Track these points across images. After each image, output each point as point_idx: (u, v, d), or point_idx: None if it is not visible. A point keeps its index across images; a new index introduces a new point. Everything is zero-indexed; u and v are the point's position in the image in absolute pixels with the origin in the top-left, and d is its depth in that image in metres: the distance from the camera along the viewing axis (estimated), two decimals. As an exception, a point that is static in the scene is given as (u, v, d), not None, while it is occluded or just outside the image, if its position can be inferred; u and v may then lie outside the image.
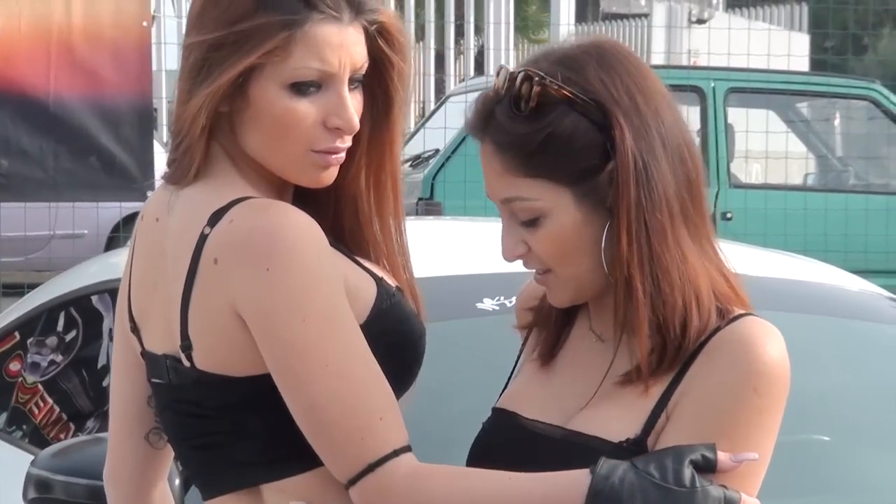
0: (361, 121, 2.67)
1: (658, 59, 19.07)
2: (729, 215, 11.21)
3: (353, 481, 2.51)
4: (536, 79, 2.55)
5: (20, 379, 5.20)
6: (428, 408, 3.04)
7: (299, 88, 2.59)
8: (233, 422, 2.64)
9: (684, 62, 17.98)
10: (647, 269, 2.55)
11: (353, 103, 2.63)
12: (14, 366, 5.28)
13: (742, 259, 4.78)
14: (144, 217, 2.75)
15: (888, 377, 4.58)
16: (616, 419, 2.60)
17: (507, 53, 18.61)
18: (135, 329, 2.72)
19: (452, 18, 19.28)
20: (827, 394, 4.44)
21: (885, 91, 12.22)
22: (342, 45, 2.60)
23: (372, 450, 2.50)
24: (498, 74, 2.63)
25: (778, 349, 2.55)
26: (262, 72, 2.59)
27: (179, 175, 2.66)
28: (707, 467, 2.46)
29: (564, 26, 17.75)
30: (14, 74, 8.01)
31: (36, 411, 5.03)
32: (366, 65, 2.65)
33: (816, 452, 4.29)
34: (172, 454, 2.86)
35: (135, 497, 2.95)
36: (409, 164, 11.73)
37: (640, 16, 22.01)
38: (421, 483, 2.54)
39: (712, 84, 11.83)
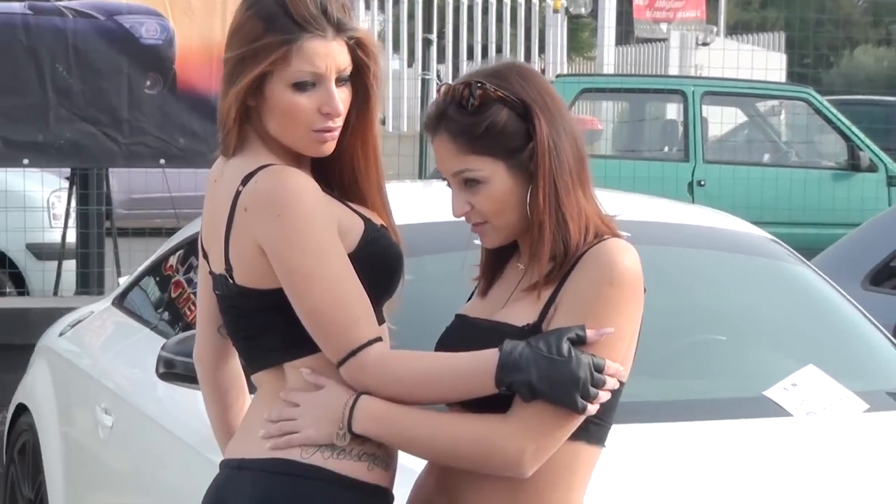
0: (350, 108, 2.95)
1: (673, 71, 19.98)
2: (702, 182, 11.89)
3: (340, 363, 2.80)
4: (478, 85, 2.86)
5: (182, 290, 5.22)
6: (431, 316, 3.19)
7: (299, 87, 2.88)
8: (262, 320, 2.92)
9: (693, 73, 18.50)
10: (555, 216, 2.85)
11: (341, 96, 2.90)
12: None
13: (667, 208, 5.36)
14: (209, 180, 3.05)
15: (762, 295, 4.81)
16: (521, 312, 2.88)
17: (562, 67, 18.83)
18: (205, 256, 3.01)
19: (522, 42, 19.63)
20: (722, 305, 4.76)
21: (817, 95, 13.00)
22: (328, 54, 2.88)
23: (353, 341, 2.79)
24: (440, 90, 2.98)
25: (630, 257, 2.83)
26: (272, 76, 2.88)
27: (225, 150, 2.97)
28: (580, 341, 2.72)
29: (609, 47, 18.25)
30: (188, 77, 8.07)
31: (188, 313, 5.07)
32: (349, 68, 2.92)
33: (716, 348, 4.56)
34: None
35: (213, 371, 3.20)
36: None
37: (661, 40, 21.38)
38: (386, 362, 2.82)
39: (692, 89, 12.50)
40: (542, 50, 19.83)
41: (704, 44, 21.77)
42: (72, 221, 8.82)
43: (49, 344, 5.99)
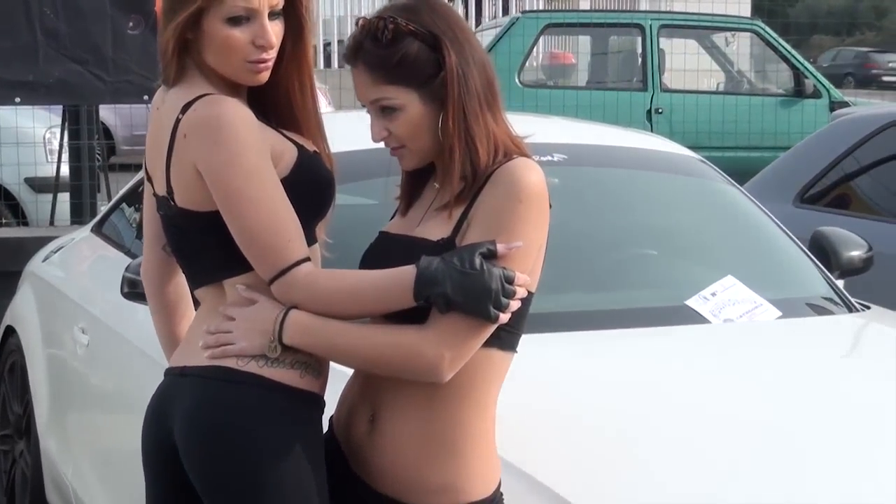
0: (284, 40, 2.96)
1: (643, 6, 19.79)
2: (660, 110, 11.84)
3: (271, 281, 2.83)
4: (391, 20, 2.87)
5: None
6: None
7: (233, 21, 2.87)
8: (201, 240, 2.94)
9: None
10: (464, 139, 2.87)
11: (274, 28, 2.91)
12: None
13: (607, 133, 5.37)
14: (152, 108, 3.08)
15: (691, 212, 4.84)
16: (436, 228, 2.90)
17: (540, 5, 18.97)
18: (149, 179, 3.03)
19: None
20: (654, 222, 4.74)
21: (765, 27, 12.98)
22: None
23: (282, 261, 2.82)
24: (358, 23, 2.97)
25: (535, 175, 2.86)
26: (209, 12, 2.86)
27: (165, 80, 2.99)
28: (491, 255, 2.75)
29: None
30: None
31: None
32: (281, 2, 2.92)
33: (646, 262, 4.60)
34: None
35: (159, 286, 3.24)
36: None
37: None
38: (314, 280, 2.85)
39: (649, 22, 12.41)
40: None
41: (674, -19, 21.72)
42: (65, 156, 8.79)
43: (34, 269, 6.03)
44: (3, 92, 7.92)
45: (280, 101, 3.04)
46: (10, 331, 5.92)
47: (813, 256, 4.67)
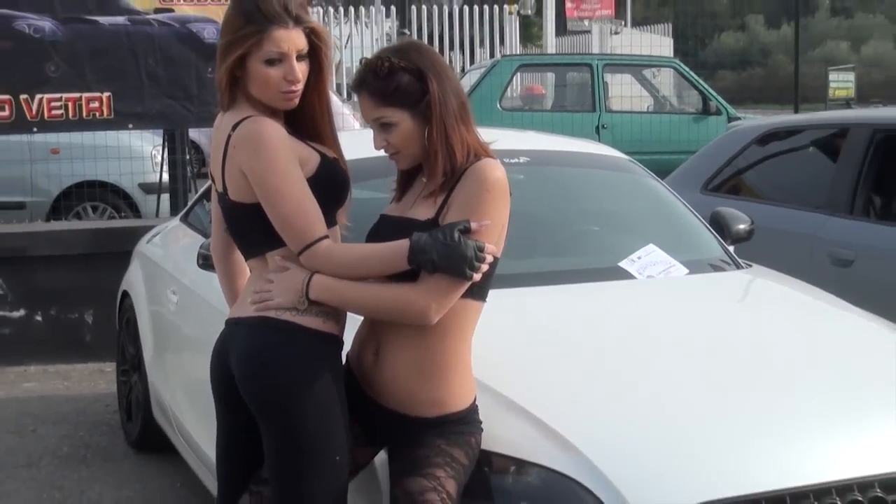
0: (309, 75, 2.92)
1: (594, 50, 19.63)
2: (605, 126, 11.71)
3: (299, 253, 2.82)
4: (386, 59, 2.86)
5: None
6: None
7: (270, 62, 2.84)
8: (249, 224, 2.91)
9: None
10: (444, 146, 2.85)
11: (301, 68, 2.87)
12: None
13: (555, 141, 5.31)
14: (213, 128, 3.00)
15: (622, 198, 4.77)
16: (424, 211, 2.88)
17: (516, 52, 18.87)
18: (213, 180, 3.01)
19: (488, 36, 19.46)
20: (595, 206, 4.71)
21: (681, 64, 13.05)
22: (289, 38, 2.84)
23: (307, 238, 2.80)
24: (361, 62, 2.95)
25: (499, 171, 2.86)
26: (251, 55, 2.83)
27: (221, 107, 2.94)
28: (466, 231, 2.74)
29: (550, 38, 18.48)
30: None
31: None
32: (306, 48, 2.88)
33: (590, 235, 4.57)
34: None
35: (223, 258, 3.22)
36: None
37: (586, 31, 21.83)
38: (331, 252, 2.82)
39: (596, 62, 12.43)
40: (501, 42, 19.65)
41: (616, 33, 21.88)
42: (165, 167, 8.76)
43: (140, 249, 6.00)
44: (120, 120, 7.84)
45: (307, 120, 2.99)
46: (125, 294, 5.90)
47: (712, 229, 4.65)
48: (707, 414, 3.15)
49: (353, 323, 3.00)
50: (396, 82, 2.87)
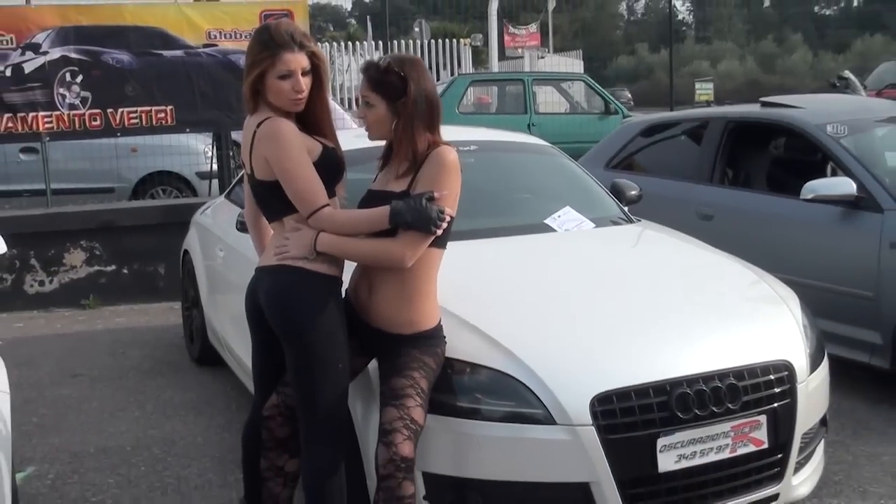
0: (312, 86, 2.83)
1: (526, 69, 19.31)
2: (534, 125, 11.46)
3: (308, 217, 2.75)
4: (386, 61, 2.79)
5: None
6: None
7: (282, 77, 2.76)
8: (270, 196, 2.82)
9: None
10: (408, 139, 2.77)
11: (305, 81, 2.79)
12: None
13: (496, 134, 5.02)
14: (244, 126, 2.89)
15: (547, 174, 4.61)
16: (398, 185, 2.80)
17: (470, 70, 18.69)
18: (243, 165, 2.92)
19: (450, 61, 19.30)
20: (526, 180, 4.55)
21: (590, 79, 12.90)
22: (295, 60, 2.77)
23: (313, 206, 2.73)
24: (368, 62, 2.88)
25: (453, 154, 2.78)
26: (268, 73, 2.76)
27: (248, 111, 2.85)
28: (431, 199, 2.70)
29: (494, 62, 18.10)
30: None
31: None
32: (308, 66, 2.81)
33: (523, 202, 4.42)
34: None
35: (253, 222, 3.14)
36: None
37: (520, 57, 21.45)
38: (332, 215, 2.74)
39: (527, 78, 12.25)
40: (459, 65, 19.57)
41: (541, 57, 21.70)
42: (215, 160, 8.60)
43: (197, 218, 5.88)
44: (180, 126, 7.75)
45: (311, 120, 2.90)
46: (185, 252, 5.80)
47: (611, 195, 4.59)
48: (609, 326, 3.13)
49: (349, 268, 2.94)
50: (385, 79, 2.78)
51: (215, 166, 8.45)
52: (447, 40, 19.73)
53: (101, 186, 9.06)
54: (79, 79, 7.35)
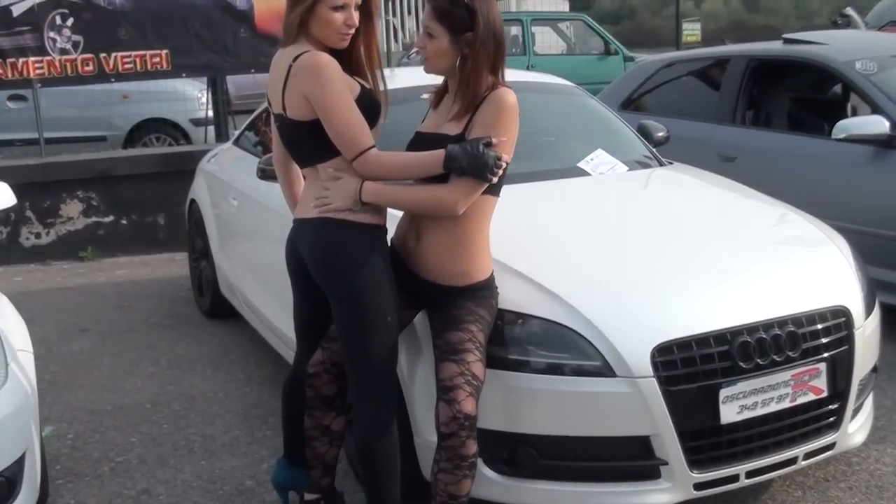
0: (360, 22, 2.69)
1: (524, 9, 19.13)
2: (532, 66, 11.18)
3: (353, 159, 2.57)
4: None
5: (265, 132, 4.78)
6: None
7: (335, 9, 2.62)
8: (304, 138, 2.64)
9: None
10: (471, 74, 2.59)
11: (356, 15, 2.66)
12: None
13: (520, 74, 4.86)
14: (273, 61, 2.70)
15: (574, 114, 4.41)
16: (453, 128, 2.64)
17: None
18: (269, 104, 2.74)
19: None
20: (554, 121, 4.30)
21: (589, 18, 12.60)
22: None
23: (360, 146, 2.56)
24: None
25: (512, 97, 2.60)
26: (321, 2, 2.61)
27: (285, 42, 2.66)
28: (488, 144, 2.54)
29: None
30: (262, 26, 7.38)
31: (266, 144, 4.67)
32: (360, 1, 2.68)
33: (552, 145, 4.18)
34: None
35: (284, 168, 2.96)
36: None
37: None
38: (379, 158, 2.57)
39: (526, 18, 12.02)
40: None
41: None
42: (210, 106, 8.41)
43: (203, 166, 5.69)
44: (175, 71, 7.48)
45: (352, 59, 2.73)
46: (192, 201, 5.62)
47: (640, 136, 4.43)
48: (662, 273, 2.99)
49: (393, 218, 2.78)
50: (453, 9, 2.58)
51: (210, 112, 8.22)
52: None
53: (93, 135, 8.86)
54: (69, 22, 7.05)
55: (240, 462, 3.60)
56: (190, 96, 8.98)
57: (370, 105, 2.68)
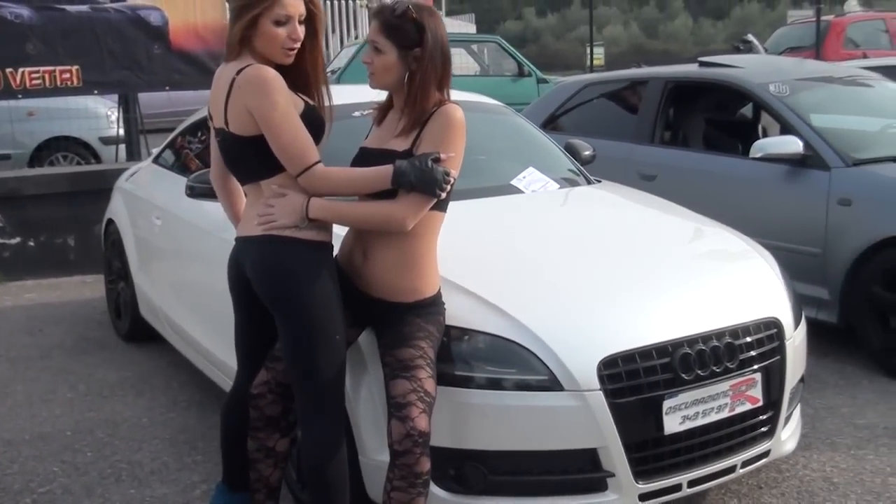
0: (305, 37, 2.63)
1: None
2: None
3: (298, 175, 2.51)
4: (405, 6, 2.55)
5: (187, 152, 4.78)
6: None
7: (278, 23, 2.56)
8: (246, 154, 2.58)
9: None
10: (418, 90, 2.57)
11: (300, 29, 2.60)
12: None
13: (463, 95, 5.04)
14: (215, 76, 2.65)
15: (503, 133, 4.42)
16: (400, 144, 2.61)
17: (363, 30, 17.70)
18: (211, 118, 2.67)
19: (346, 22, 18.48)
20: (484, 140, 4.17)
21: (503, 41, 12.69)
22: (294, 5, 2.58)
23: (306, 162, 2.50)
24: (382, 5, 2.67)
25: (459, 113, 2.59)
26: (263, 16, 2.55)
27: (227, 57, 2.60)
28: (437, 160, 2.52)
29: None
30: (177, 43, 7.28)
31: (189, 163, 4.71)
32: (304, 14, 2.61)
33: (483, 163, 4.05)
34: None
35: (223, 184, 2.88)
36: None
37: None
38: (326, 172, 2.52)
39: None
40: (356, 26, 18.87)
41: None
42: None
43: (121, 185, 5.54)
44: (86, 88, 7.28)
45: (298, 74, 2.67)
46: (110, 221, 5.45)
47: (569, 155, 4.49)
48: (603, 288, 3.03)
49: (338, 234, 2.73)
50: (401, 24, 2.57)
51: (122, 131, 8.00)
52: (341, 0, 19.20)
53: (-4, 153, 8.57)
54: (-28, 35, 6.81)
55: (170, 489, 3.48)
56: (100, 114, 8.78)
57: (314, 121, 2.63)
